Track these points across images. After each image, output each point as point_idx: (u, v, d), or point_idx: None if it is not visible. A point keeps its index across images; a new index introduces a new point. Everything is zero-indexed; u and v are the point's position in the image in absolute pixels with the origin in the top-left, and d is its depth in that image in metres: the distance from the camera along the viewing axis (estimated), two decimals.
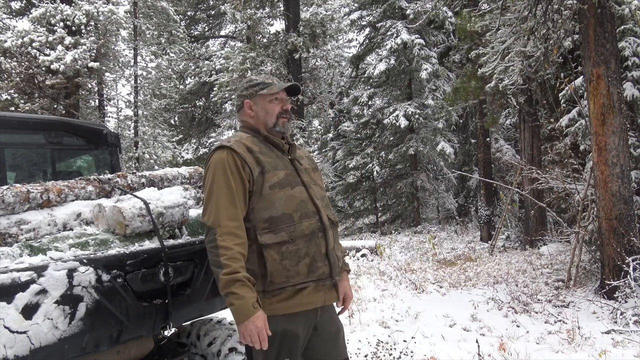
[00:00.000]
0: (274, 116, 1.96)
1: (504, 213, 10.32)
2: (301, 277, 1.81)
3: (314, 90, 17.90)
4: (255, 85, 2.00)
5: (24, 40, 12.83)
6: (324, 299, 1.92)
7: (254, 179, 1.82)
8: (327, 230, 1.90)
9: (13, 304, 1.69)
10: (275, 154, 1.93)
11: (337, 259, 1.95)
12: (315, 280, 1.85)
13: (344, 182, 18.02)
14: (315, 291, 1.88)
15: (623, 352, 3.98)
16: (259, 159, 1.85)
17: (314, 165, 2.12)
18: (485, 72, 7.65)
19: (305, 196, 1.89)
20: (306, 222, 1.84)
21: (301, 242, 1.82)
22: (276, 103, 1.98)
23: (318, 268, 1.85)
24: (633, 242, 5.28)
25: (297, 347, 1.87)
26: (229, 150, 1.84)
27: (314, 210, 1.89)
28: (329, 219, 1.94)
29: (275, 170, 1.87)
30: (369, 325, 4.95)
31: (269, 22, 17.24)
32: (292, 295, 1.82)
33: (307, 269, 1.82)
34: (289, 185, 1.86)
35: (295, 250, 1.80)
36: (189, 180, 3.02)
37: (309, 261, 1.82)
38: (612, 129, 5.42)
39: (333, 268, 1.91)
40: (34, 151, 3.36)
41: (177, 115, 21.93)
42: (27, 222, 2.12)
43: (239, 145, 1.87)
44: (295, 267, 1.80)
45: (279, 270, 1.78)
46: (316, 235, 1.86)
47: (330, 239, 1.91)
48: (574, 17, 6.09)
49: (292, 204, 1.84)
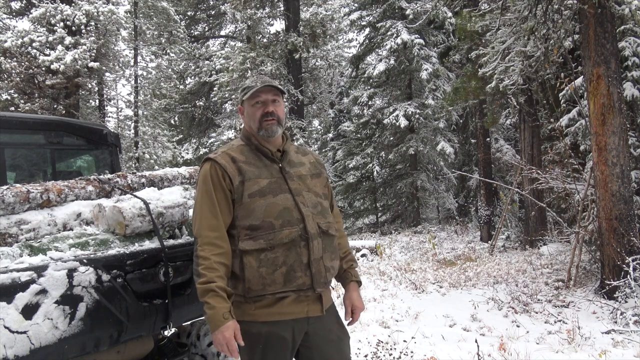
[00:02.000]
0: (256, 121, 1.95)
1: (504, 213, 10.32)
2: (277, 286, 1.79)
3: (314, 90, 17.91)
4: (242, 90, 2.02)
5: (24, 40, 12.84)
6: (307, 311, 1.87)
7: (235, 188, 1.85)
8: (312, 240, 1.84)
9: (13, 304, 1.69)
10: (263, 163, 1.92)
11: (324, 269, 1.88)
12: (296, 291, 1.82)
13: (344, 182, 18.03)
14: (296, 302, 1.85)
15: (623, 352, 3.99)
16: (241, 169, 1.87)
17: (317, 171, 2.05)
18: (486, 72, 7.65)
19: (291, 204, 1.86)
20: (286, 230, 1.82)
21: (280, 250, 1.80)
22: (258, 107, 1.95)
23: (296, 278, 1.81)
24: (633, 242, 5.28)
25: (285, 350, 1.85)
26: (212, 162, 1.89)
27: (298, 218, 1.85)
28: (319, 227, 1.89)
29: (257, 179, 1.87)
30: (369, 325, 4.95)
31: (269, 22, 17.26)
32: (272, 304, 1.82)
33: (284, 278, 1.79)
34: (270, 193, 1.85)
35: (272, 259, 1.79)
36: (189, 180, 3.02)
37: (286, 270, 1.80)
38: (612, 129, 5.42)
39: (315, 279, 1.84)
40: (34, 151, 3.36)
41: (177, 115, 21.93)
42: (27, 222, 2.12)
43: (224, 156, 1.91)
44: (271, 276, 1.78)
45: (255, 277, 1.79)
46: (297, 244, 1.82)
47: (315, 248, 1.85)
48: (574, 17, 6.09)
49: (273, 211, 1.83)
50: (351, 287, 2.07)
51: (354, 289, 2.07)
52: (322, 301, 1.91)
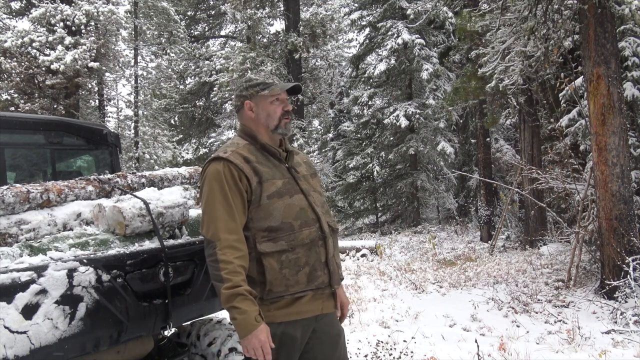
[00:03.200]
0: (275, 118, 1.92)
1: (504, 213, 10.32)
2: (301, 287, 1.80)
3: (314, 90, 17.90)
4: (256, 86, 1.95)
5: (24, 40, 12.84)
6: (322, 308, 1.90)
7: (252, 190, 1.80)
8: (327, 238, 1.87)
9: (13, 304, 1.69)
10: (272, 163, 1.90)
11: (336, 267, 1.92)
12: (314, 289, 1.84)
13: (344, 182, 18.03)
14: (313, 300, 1.86)
15: (623, 352, 3.99)
16: (256, 169, 1.83)
17: (313, 171, 2.08)
18: (486, 72, 7.65)
19: (305, 204, 1.87)
20: (306, 231, 1.83)
21: (301, 250, 1.80)
22: (277, 104, 1.94)
23: (318, 277, 1.83)
24: (633, 242, 5.28)
25: (295, 349, 1.86)
26: (225, 162, 1.81)
27: (314, 218, 1.86)
28: (329, 226, 1.92)
29: (273, 180, 1.84)
30: (369, 325, 4.95)
31: (269, 22, 17.26)
32: (290, 304, 1.81)
33: (307, 278, 1.80)
34: (287, 194, 1.84)
35: (295, 259, 1.79)
36: (189, 180, 3.01)
37: (309, 270, 1.81)
38: (612, 129, 5.42)
39: (332, 277, 1.88)
40: (34, 151, 3.35)
41: (177, 115, 21.91)
42: (27, 222, 2.11)
43: (236, 155, 1.84)
44: (294, 277, 1.78)
45: (279, 279, 1.77)
46: (316, 244, 1.84)
47: (330, 247, 1.88)
48: (574, 17, 6.09)
49: (292, 212, 1.82)
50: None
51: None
52: (335, 297, 1.95)
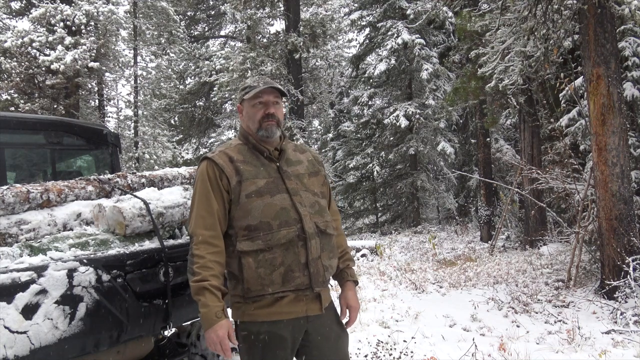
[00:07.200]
0: (256, 121, 1.94)
1: (504, 213, 10.32)
2: (276, 287, 1.80)
3: (314, 90, 17.89)
4: (242, 90, 2.01)
5: (24, 40, 12.84)
6: (306, 310, 1.88)
7: (232, 188, 1.85)
8: (310, 239, 1.85)
9: (13, 304, 1.69)
10: (260, 162, 1.92)
11: (323, 269, 1.89)
12: (294, 291, 1.83)
13: (344, 182, 18.03)
14: (295, 301, 1.85)
15: (623, 352, 3.98)
16: (238, 169, 1.87)
17: (315, 169, 2.05)
18: (485, 72, 7.65)
19: (288, 204, 1.86)
20: (284, 231, 1.82)
21: (278, 250, 1.81)
22: (259, 107, 1.95)
23: (295, 278, 1.82)
24: (633, 242, 5.28)
25: (285, 349, 1.85)
26: (209, 162, 1.89)
27: (296, 218, 1.85)
28: (317, 226, 1.89)
29: (254, 179, 1.87)
30: (369, 325, 4.95)
31: (269, 22, 17.23)
32: (271, 304, 1.83)
33: (282, 279, 1.80)
34: (268, 193, 1.86)
35: (270, 259, 1.80)
36: (189, 180, 3.02)
37: (284, 270, 1.80)
38: (612, 129, 5.42)
39: (313, 278, 1.85)
40: (34, 151, 3.36)
41: (177, 115, 21.92)
42: (27, 222, 2.12)
43: (221, 155, 1.91)
44: (269, 276, 1.79)
45: (254, 278, 1.79)
46: (295, 245, 1.83)
47: (313, 248, 1.85)
48: (574, 17, 6.09)
49: (271, 212, 1.83)
50: (347, 287, 2.07)
51: (349, 288, 2.07)
52: (321, 300, 1.92)
